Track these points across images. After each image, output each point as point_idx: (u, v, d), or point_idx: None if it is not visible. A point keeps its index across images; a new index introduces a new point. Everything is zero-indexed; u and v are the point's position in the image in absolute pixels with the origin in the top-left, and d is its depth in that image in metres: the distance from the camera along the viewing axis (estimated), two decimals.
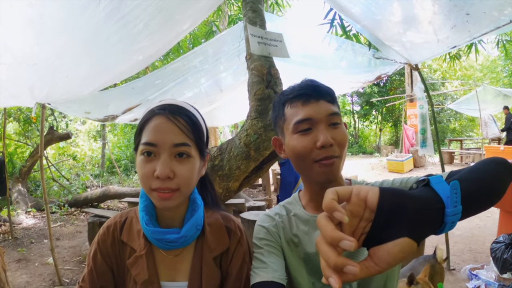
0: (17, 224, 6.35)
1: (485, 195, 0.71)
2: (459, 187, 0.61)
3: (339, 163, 1.00)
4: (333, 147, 0.97)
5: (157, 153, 0.92)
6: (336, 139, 0.98)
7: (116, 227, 1.06)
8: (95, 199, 7.48)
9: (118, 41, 2.96)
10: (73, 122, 17.36)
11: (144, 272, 0.98)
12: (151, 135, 0.92)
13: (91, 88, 3.81)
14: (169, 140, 0.92)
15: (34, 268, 4.50)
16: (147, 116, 0.96)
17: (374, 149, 23.27)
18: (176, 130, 0.93)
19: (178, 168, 0.92)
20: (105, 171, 12.66)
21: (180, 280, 1.02)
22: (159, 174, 0.89)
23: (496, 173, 0.76)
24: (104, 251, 1.04)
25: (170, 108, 0.96)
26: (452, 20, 2.71)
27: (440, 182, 0.62)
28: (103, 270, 1.03)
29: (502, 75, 21.39)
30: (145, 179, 0.92)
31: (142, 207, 1.02)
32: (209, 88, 5.04)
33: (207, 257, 1.02)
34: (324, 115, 0.99)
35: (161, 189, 0.91)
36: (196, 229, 1.01)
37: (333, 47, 4.14)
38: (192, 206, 1.04)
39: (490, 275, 3.59)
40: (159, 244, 0.98)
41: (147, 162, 0.92)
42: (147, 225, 0.98)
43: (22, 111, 9.27)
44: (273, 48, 2.31)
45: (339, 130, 1.00)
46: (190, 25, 3.45)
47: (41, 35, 2.61)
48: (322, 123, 0.99)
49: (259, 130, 2.06)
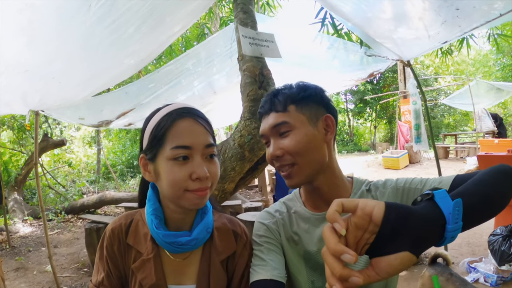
0: (14, 232, 6.31)
1: (487, 210, 0.74)
2: (461, 205, 0.63)
3: (298, 170, 1.01)
4: (283, 157, 1.00)
5: (190, 155, 0.92)
6: (284, 148, 1.00)
7: (121, 230, 1.05)
8: (91, 205, 7.44)
9: (110, 45, 2.95)
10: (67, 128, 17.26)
11: (151, 276, 0.98)
12: (185, 138, 0.92)
13: (84, 93, 3.80)
14: (201, 141, 0.94)
15: (32, 277, 4.47)
16: (168, 121, 0.94)
17: (369, 146, 23.32)
18: (205, 131, 0.96)
19: (209, 168, 0.94)
20: (101, 177, 12.59)
21: (187, 283, 1.02)
22: (200, 176, 0.90)
23: (501, 186, 0.78)
24: (113, 255, 1.03)
25: (190, 111, 0.97)
26: (442, 16, 2.72)
27: (444, 197, 0.64)
28: (116, 274, 1.03)
29: (495, 69, 21.49)
30: (180, 183, 0.91)
31: (151, 210, 1.01)
32: (202, 91, 5.03)
33: (215, 260, 1.02)
34: (268, 128, 1.04)
35: (201, 189, 0.92)
36: (207, 232, 1.02)
37: (325, 46, 4.15)
38: (202, 209, 1.05)
39: (489, 268, 3.61)
40: (170, 247, 0.98)
41: (181, 165, 0.92)
42: (157, 228, 0.97)
43: (16, 119, 9.21)
44: (265, 48, 2.31)
45: (288, 138, 1.01)
46: (182, 28, 3.45)
47: (32, 41, 2.59)
48: (271, 135, 1.04)
49: (253, 131, 2.07)
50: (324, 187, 1.05)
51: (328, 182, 1.05)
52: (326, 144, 1.04)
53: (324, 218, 1.06)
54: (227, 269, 1.05)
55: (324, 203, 1.07)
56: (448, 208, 0.62)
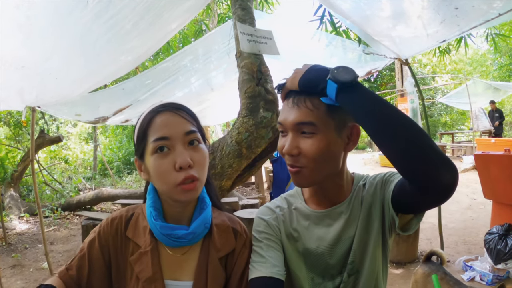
0: (11, 229, 6.28)
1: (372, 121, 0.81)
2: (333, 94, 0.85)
3: (308, 173, 0.97)
4: (296, 158, 0.96)
5: (170, 146, 0.92)
6: (301, 149, 0.95)
7: (121, 221, 1.05)
8: (88, 202, 7.42)
9: (107, 42, 2.94)
10: (64, 125, 17.18)
11: (148, 269, 0.97)
12: (161, 130, 0.93)
13: (81, 90, 3.78)
14: (180, 130, 0.93)
15: (29, 274, 4.46)
16: (148, 118, 0.97)
17: (366, 144, 23.34)
18: (183, 120, 0.96)
19: (194, 156, 0.94)
20: (98, 174, 12.56)
21: (185, 279, 1.01)
22: (181, 164, 0.90)
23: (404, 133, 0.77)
24: (103, 242, 1.02)
25: (170, 105, 0.98)
26: (441, 15, 2.73)
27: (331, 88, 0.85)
28: (97, 258, 1.01)
29: (492, 68, 21.53)
30: (166, 176, 0.92)
31: (150, 203, 1.01)
32: (199, 88, 5.02)
33: (213, 257, 1.02)
34: (290, 123, 0.95)
35: (187, 178, 0.91)
36: (204, 227, 1.01)
37: (323, 44, 4.15)
38: (201, 204, 1.04)
39: (485, 266, 3.63)
40: (167, 240, 0.97)
41: (163, 158, 0.92)
42: (156, 220, 0.97)
43: (12, 115, 9.16)
44: (263, 45, 2.30)
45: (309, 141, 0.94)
46: (179, 24, 3.43)
47: (28, 37, 2.58)
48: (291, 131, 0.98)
49: (251, 128, 2.06)
50: (329, 188, 1.05)
51: (335, 185, 1.05)
52: (344, 152, 1.00)
53: (325, 216, 1.06)
54: (226, 267, 1.04)
55: (327, 200, 1.07)
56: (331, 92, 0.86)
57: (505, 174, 3.85)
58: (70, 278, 1.00)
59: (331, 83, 0.84)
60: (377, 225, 1.01)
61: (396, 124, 0.78)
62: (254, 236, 1.09)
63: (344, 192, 1.07)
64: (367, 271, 1.02)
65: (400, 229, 0.97)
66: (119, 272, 1.02)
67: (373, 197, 1.02)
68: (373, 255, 1.02)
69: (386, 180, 1.01)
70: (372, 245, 1.02)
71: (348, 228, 1.04)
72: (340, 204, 1.06)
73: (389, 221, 0.99)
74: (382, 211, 1.00)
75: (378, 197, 1.01)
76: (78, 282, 1.00)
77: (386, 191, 0.98)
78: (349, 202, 1.05)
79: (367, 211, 1.03)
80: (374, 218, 1.02)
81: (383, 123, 0.79)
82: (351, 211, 1.04)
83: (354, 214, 1.04)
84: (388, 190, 0.96)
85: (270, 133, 2.07)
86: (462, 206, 6.51)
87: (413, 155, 0.75)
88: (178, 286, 1.00)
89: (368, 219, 1.02)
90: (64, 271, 1.02)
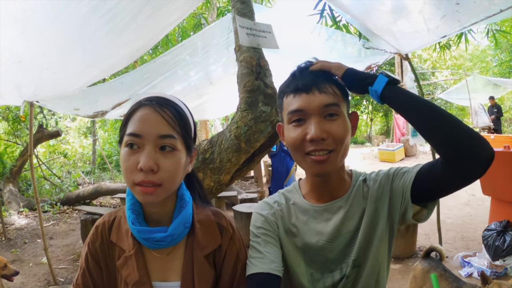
0: (10, 224, 6.29)
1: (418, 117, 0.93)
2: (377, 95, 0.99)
3: (335, 158, 0.98)
4: (326, 141, 0.95)
5: (141, 144, 0.89)
6: (330, 132, 0.96)
7: (104, 227, 1.03)
8: (87, 196, 7.43)
9: (105, 35, 2.91)
10: (62, 119, 17.15)
11: (134, 273, 0.95)
12: (136, 126, 0.89)
13: (79, 84, 3.76)
14: (154, 131, 0.89)
15: (28, 269, 4.47)
16: (133, 108, 0.94)
17: (365, 139, 23.36)
18: (162, 121, 0.91)
19: (162, 161, 0.89)
20: (97, 168, 12.57)
21: (173, 280, 0.99)
22: (142, 166, 0.86)
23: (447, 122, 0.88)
24: (94, 252, 1.01)
25: (157, 100, 0.94)
26: (442, 10, 2.71)
27: (381, 82, 0.97)
28: (95, 270, 1.01)
29: (492, 64, 21.49)
30: (128, 173, 0.89)
31: (128, 205, 0.98)
32: (198, 81, 4.99)
33: (198, 255, 0.99)
34: (317, 106, 0.96)
35: (144, 182, 0.87)
36: (184, 226, 0.98)
37: (323, 38, 4.12)
38: (180, 202, 1.01)
39: (483, 262, 3.64)
40: (147, 243, 0.95)
41: (131, 154, 0.89)
42: (134, 224, 0.95)
43: (11, 110, 9.12)
44: (262, 39, 2.28)
45: (336, 123, 0.97)
46: (178, 18, 3.41)
47: (25, 31, 2.55)
48: (315, 115, 0.97)
49: (250, 122, 2.04)
50: (333, 180, 1.06)
51: (339, 175, 1.07)
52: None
53: (324, 211, 1.06)
54: (215, 264, 1.02)
55: (327, 194, 1.07)
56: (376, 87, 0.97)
57: (504, 171, 3.84)
58: None
59: (382, 77, 0.96)
60: (384, 219, 1.02)
61: (437, 116, 0.89)
62: (252, 231, 1.08)
63: (345, 186, 1.08)
64: (369, 266, 1.02)
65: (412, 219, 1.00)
66: (110, 278, 1.01)
67: (379, 192, 1.03)
68: (376, 249, 1.02)
69: (396, 174, 1.03)
70: (376, 240, 1.02)
71: (347, 222, 1.03)
72: (339, 198, 1.06)
73: (399, 212, 1.00)
74: (390, 204, 1.02)
75: (386, 191, 1.02)
76: None
77: (399, 183, 1.00)
78: (348, 197, 1.06)
79: (373, 206, 1.03)
80: (381, 212, 1.02)
81: (424, 116, 0.91)
82: (350, 206, 1.04)
83: (353, 209, 1.04)
84: (403, 181, 0.99)
85: (269, 127, 2.05)
86: (460, 202, 6.52)
87: (453, 139, 0.86)
88: (167, 287, 0.99)
89: (374, 215, 1.03)
90: None
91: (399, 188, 0.99)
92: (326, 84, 0.99)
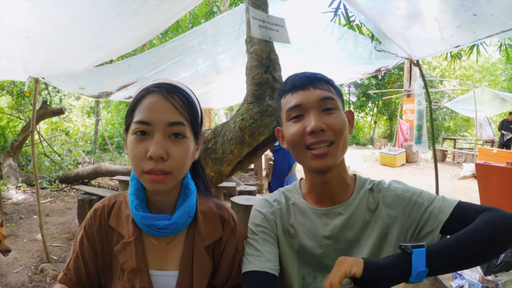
0: (7, 199, 6.31)
1: (473, 260, 0.87)
2: (425, 275, 0.83)
3: (335, 151, 0.97)
4: (326, 132, 0.95)
5: (150, 132, 0.87)
6: (329, 124, 0.96)
7: (103, 211, 1.02)
8: (86, 175, 7.43)
9: (116, 16, 2.88)
10: (67, 97, 17.15)
11: (132, 260, 0.94)
12: (145, 113, 0.88)
13: (86, 63, 3.73)
14: (164, 119, 0.88)
15: (22, 244, 4.49)
16: (140, 94, 0.92)
17: (367, 141, 23.35)
18: (172, 108, 0.89)
19: (172, 149, 0.88)
20: (98, 148, 12.58)
21: (170, 269, 0.98)
22: (152, 154, 0.85)
23: (494, 238, 0.86)
24: (91, 236, 1.00)
25: (166, 86, 0.92)
26: (458, 20, 2.67)
27: (420, 257, 0.81)
28: (89, 256, 0.99)
29: (501, 78, 21.42)
30: (137, 161, 0.88)
31: (132, 190, 0.97)
32: (206, 69, 4.97)
33: (199, 246, 0.99)
34: (314, 100, 0.98)
35: (154, 170, 0.86)
36: (188, 216, 0.97)
37: (335, 37, 4.08)
38: (185, 191, 1.00)
39: (474, 276, 3.62)
40: (149, 230, 0.94)
41: (140, 142, 0.88)
42: (137, 209, 0.94)
43: (16, 84, 9.11)
44: (274, 32, 2.26)
45: (334, 116, 0.98)
46: (191, 4, 3.37)
47: (35, 7, 2.51)
48: (313, 109, 0.98)
49: (255, 115, 2.03)
50: (334, 181, 1.04)
51: (339, 176, 1.04)
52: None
53: (323, 214, 1.05)
54: (213, 255, 1.02)
55: (327, 198, 1.06)
56: (418, 267, 0.81)
57: (505, 187, 3.81)
58: (70, 281, 0.99)
59: (416, 251, 0.82)
60: (395, 237, 1.00)
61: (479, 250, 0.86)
62: (250, 228, 1.08)
63: (345, 189, 1.06)
64: None
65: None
66: (106, 263, 1.00)
67: (404, 213, 1.01)
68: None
69: (418, 204, 1.00)
70: (383, 254, 1.00)
71: (346, 231, 1.02)
72: (340, 204, 1.04)
73: (418, 234, 0.99)
74: (413, 227, 1.00)
75: (415, 217, 0.99)
76: (79, 283, 0.99)
77: (435, 217, 0.97)
78: (350, 204, 1.04)
79: (387, 223, 1.01)
80: (395, 231, 1.00)
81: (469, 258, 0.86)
82: (351, 214, 1.03)
83: (354, 218, 1.03)
84: (439, 216, 0.96)
85: (275, 122, 2.04)
86: None
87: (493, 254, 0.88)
88: (164, 276, 0.98)
89: (386, 230, 1.01)
90: (64, 277, 1.00)
91: (433, 221, 0.97)
92: (322, 82, 1.02)
